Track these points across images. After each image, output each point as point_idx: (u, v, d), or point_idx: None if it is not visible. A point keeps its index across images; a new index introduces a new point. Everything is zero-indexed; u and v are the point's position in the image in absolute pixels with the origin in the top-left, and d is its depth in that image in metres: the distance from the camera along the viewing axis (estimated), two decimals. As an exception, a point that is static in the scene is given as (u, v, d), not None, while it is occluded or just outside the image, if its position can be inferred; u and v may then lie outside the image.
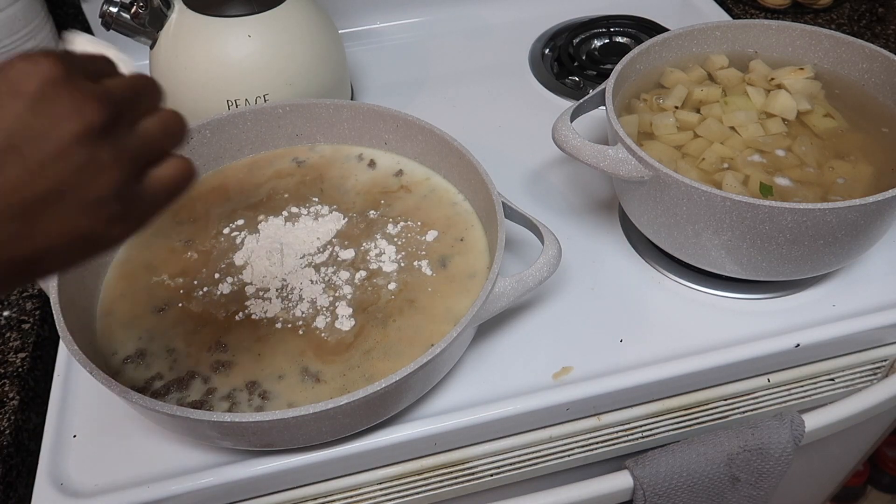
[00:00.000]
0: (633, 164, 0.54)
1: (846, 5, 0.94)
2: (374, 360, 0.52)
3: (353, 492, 0.55)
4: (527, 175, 0.72)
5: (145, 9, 0.66)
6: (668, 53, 0.66)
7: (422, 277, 0.56)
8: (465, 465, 0.56)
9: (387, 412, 0.50)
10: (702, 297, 0.61)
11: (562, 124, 0.57)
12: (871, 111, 0.62)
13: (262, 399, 0.50)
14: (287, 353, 0.52)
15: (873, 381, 0.64)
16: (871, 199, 0.49)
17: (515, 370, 0.56)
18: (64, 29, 0.87)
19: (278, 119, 0.65)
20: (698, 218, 0.53)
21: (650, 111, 0.63)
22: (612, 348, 0.57)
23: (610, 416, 0.57)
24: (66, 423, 0.54)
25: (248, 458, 0.51)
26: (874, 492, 1.37)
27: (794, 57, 0.66)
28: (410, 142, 0.64)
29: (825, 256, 0.54)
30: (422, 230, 0.60)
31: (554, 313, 0.60)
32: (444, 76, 0.85)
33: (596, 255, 0.64)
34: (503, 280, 0.51)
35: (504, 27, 0.92)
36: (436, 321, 0.54)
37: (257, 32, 0.66)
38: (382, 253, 0.58)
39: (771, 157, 0.58)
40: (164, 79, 0.69)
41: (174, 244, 0.60)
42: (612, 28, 0.90)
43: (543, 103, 0.81)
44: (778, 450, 0.58)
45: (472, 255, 0.58)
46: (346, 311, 0.54)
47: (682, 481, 0.57)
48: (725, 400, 0.60)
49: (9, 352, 0.58)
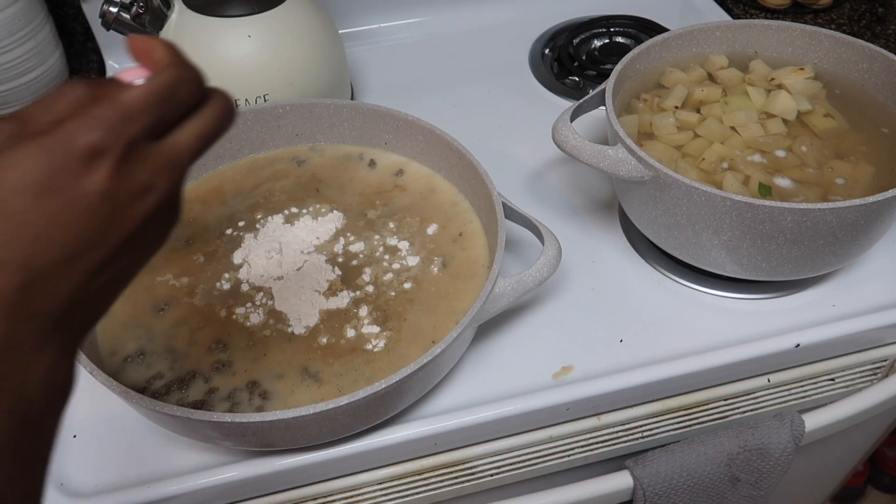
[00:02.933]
0: (633, 164, 0.54)
1: (846, 5, 0.94)
2: (374, 360, 0.52)
3: (353, 492, 0.55)
4: (527, 175, 0.72)
5: (145, 9, 0.66)
6: (668, 53, 0.66)
7: (423, 277, 0.56)
8: (465, 465, 0.56)
9: (387, 412, 0.50)
10: (702, 297, 0.61)
11: (562, 124, 0.57)
12: (871, 111, 0.62)
13: (262, 399, 0.50)
14: (287, 353, 0.52)
15: (873, 381, 0.64)
16: (871, 199, 0.49)
17: (515, 370, 0.56)
18: (64, 29, 0.87)
19: (278, 119, 0.65)
20: (698, 218, 0.53)
21: (650, 111, 0.63)
22: (612, 348, 0.57)
23: (610, 416, 0.57)
24: (67, 423, 0.54)
25: (248, 458, 0.51)
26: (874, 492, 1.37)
27: (795, 57, 0.66)
28: (410, 142, 0.64)
29: (825, 256, 0.54)
30: (421, 229, 0.60)
31: (554, 313, 0.60)
32: (444, 76, 0.85)
33: (596, 255, 0.64)
34: (503, 280, 0.51)
35: (504, 27, 0.92)
36: (436, 321, 0.54)
37: (257, 32, 0.66)
38: (384, 252, 0.58)
39: (771, 158, 0.58)
40: (164, 79, 0.69)
41: (174, 244, 0.60)
42: (612, 28, 0.90)
43: (543, 103, 0.81)
44: (778, 450, 0.58)
45: (472, 254, 0.58)
46: (346, 311, 0.54)
47: (682, 481, 0.57)
48: (725, 400, 0.60)
49: (9, 352, 0.58)
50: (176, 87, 0.30)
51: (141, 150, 0.28)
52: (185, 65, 0.31)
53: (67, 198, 0.26)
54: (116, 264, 0.29)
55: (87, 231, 0.27)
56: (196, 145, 0.31)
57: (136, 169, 0.28)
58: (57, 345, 0.27)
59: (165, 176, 0.29)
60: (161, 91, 0.29)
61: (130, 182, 0.28)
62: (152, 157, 0.29)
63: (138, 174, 0.28)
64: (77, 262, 0.27)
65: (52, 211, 0.26)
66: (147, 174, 0.29)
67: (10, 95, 0.79)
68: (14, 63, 0.76)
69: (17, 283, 0.26)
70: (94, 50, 0.89)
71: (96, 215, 0.27)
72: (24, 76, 0.78)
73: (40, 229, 0.26)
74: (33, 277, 0.26)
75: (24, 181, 0.26)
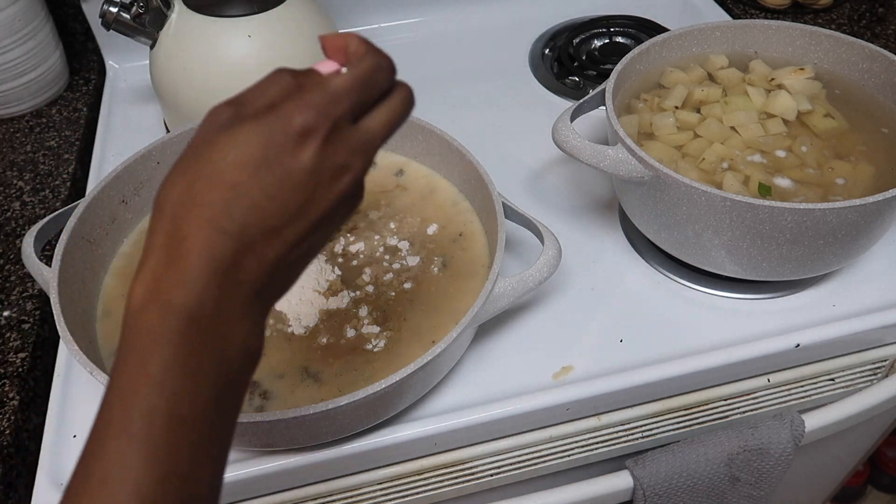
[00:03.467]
0: (633, 164, 0.54)
1: (846, 5, 0.94)
2: (374, 360, 0.52)
3: (353, 492, 0.55)
4: (527, 175, 0.72)
5: (145, 9, 0.66)
6: (668, 53, 0.66)
7: (423, 277, 0.56)
8: (465, 465, 0.56)
9: (387, 412, 0.50)
10: (702, 297, 0.61)
11: (562, 124, 0.57)
12: (871, 111, 0.62)
13: (262, 399, 0.50)
14: (287, 353, 0.52)
15: (873, 381, 0.64)
16: (871, 199, 0.49)
17: (515, 370, 0.56)
18: (64, 29, 0.87)
19: (278, 119, 0.65)
20: (698, 218, 0.53)
21: (650, 111, 0.63)
22: (612, 348, 0.57)
23: (610, 416, 0.57)
24: (66, 423, 0.54)
25: (248, 458, 0.51)
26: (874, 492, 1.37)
27: (795, 57, 0.66)
28: (411, 142, 0.64)
29: (825, 256, 0.54)
30: (421, 229, 0.60)
31: (554, 313, 0.60)
32: (444, 76, 0.85)
33: (596, 255, 0.64)
34: (503, 280, 0.51)
35: (504, 27, 0.92)
36: (436, 321, 0.54)
37: (257, 32, 0.66)
38: (384, 252, 0.58)
39: (771, 158, 0.58)
40: (164, 79, 0.69)
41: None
42: (612, 28, 0.90)
43: (543, 103, 0.81)
44: (778, 450, 0.58)
45: (472, 254, 0.58)
46: (346, 311, 0.54)
47: (682, 481, 0.57)
48: (725, 400, 0.60)
49: (9, 352, 0.58)
50: (375, 73, 0.32)
51: (343, 131, 0.31)
52: (381, 54, 0.33)
53: (280, 172, 0.29)
54: (312, 238, 0.31)
55: (294, 204, 0.29)
56: (386, 130, 0.33)
57: (338, 149, 0.30)
58: (255, 312, 0.29)
59: (360, 156, 0.31)
60: (363, 77, 0.31)
61: (333, 160, 0.30)
62: (352, 139, 0.31)
63: (339, 154, 0.30)
64: (282, 234, 0.29)
65: (266, 184, 0.28)
66: (346, 154, 0.31)
67: (10, 95, 0.79)
68: (14, 63, 0.76)
69: (232, 251, 0.28)
70: (94, 50, 0.89)
71: (303, 189, 0.29)
72: (24, 76, 0.78)
73: (255, 200, 0.28)
74: (246, 246, 0.28)
75: (244, 156, 0.28)
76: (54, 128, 0.80)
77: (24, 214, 0.69)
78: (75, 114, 0.82)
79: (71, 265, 0.53)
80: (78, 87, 0.86)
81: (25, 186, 0.72)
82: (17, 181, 0.73)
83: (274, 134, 0.29)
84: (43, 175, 0.74)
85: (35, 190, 0.72)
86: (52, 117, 0.81)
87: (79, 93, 0.85)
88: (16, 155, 0.76)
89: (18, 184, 0.73)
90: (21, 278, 0.63)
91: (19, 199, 0.71)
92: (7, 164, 0.75)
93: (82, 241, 0.55)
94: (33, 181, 0.73)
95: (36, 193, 0.72)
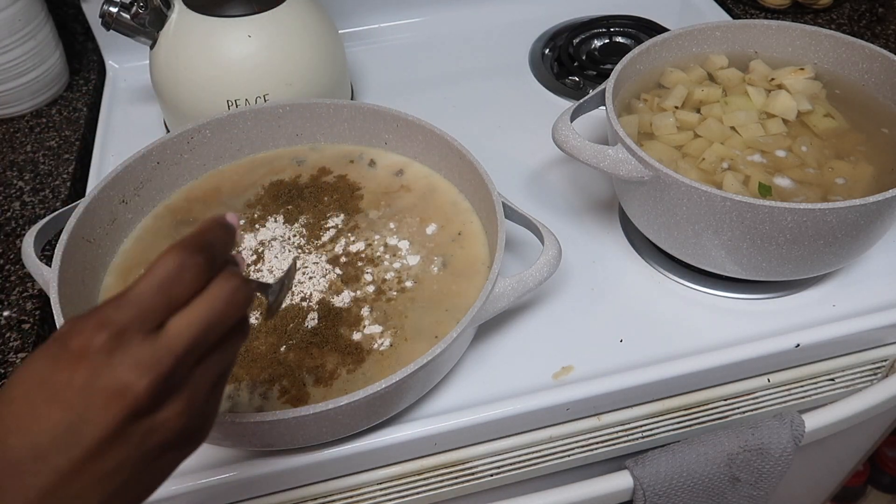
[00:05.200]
0: (633, 164, 0.54)
1: (846, 5, 0.94)
2: (374, 360, 0.52)
3: (353, 492, 0.55)
4: (527, 175, 0.72)
5: (145, 9, 0.66)
6: (668, 53, 0.66)
7: (423, 277, 0.56)
8: (465, 465, 0.56)
9: (387, 412, 0.50)
10: (702, 297, 0.61)
11: (562, 124, 0.57)
12: (871, 111, 0.62)
13: (262, 399, 0.50)
14: (288, 353, 0.52)
15: (873, 381, 0.64)
16: (871, 199, 0.49)
17: (515, 370, 0.56)
18: (64, 29, 0.87)
19: (278, 119, 0.65)
20: (698, 218, 0.53)
21: (650, 111, 0.63)
22: (612, 348, 0.57)
23: (610, 416, 0.57)
24: (67, 423, 0.54)
25: (248, 458, 0.51)
26: (874, 492, 1.37)
27: (795, 57, 0.66)
28: (410, 142, 0.64)
29: (825, 256, 0.54)
30: (421, 229, 0.60)
31: (554, 313, 0.60)
32: (445, 76, 0.85)
33: (596, 255, 0.64)
34: (503, 280, 0.51)
35: (504, 27, 0.92)
36: (437, 320, 0.54)
37: (257, 32, 0.66)
38: (384, 252, 0.58)
39: (771, 158, 0.58)
40: (164, 79, 0.69)
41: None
42: (612, 28, 0.90)
43: (543, 103, 0.81)
44: (778, 450, 0.58)
45: (472, 254, 0.58)
46: (346, 311, 0.54)
47: (682, 481, 0.57)
48: (725, 400, 0.60)
49: (9, 352, 0.58)
50: (179, 271, 0.29)
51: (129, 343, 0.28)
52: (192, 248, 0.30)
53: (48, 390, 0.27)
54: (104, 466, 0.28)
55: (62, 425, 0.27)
56: (194, 331, 0.29)
57: (119, 362, 0.28)
58: None
59: (150, 370, 0.28)
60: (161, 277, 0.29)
61: (111, 376, 0.27)
62: (139, 351, 0.28)
63: (117, 369, 0.27)
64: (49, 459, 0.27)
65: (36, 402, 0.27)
66: (126, 369, 0.28)
67: (10, 95, 0.79)
68: (14, 63, 0.76)
69: None
70: (94, 50, 0.89)
71: (70, 409, 0.27)
72: (24, 76, 0.78)
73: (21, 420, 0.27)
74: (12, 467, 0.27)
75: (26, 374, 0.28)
76: (54, 128, 0.80)
77: (24, 214, 0.69)
78: (75, 114, 0.82)
79: (71, 265, 0.53)
80: (78, 87, 0.86)
81: (25, 186, 0.72)
82: (17, 181, 0.73)
83: (52, 350, 0.28)
84: (43, 175, 0.74)
85: (35, 190, 0.72)
86: (52, 117, 0.81)
87: (79, 93, 0.85)
88: (16, 155, 0.76)
89: (18, 184, 0.73)
90: (21, 278, 0.63)
91: (19, 199, 0.71)
92: (7, 164, 0.75)
93: (82, 240, 0.55)
94: (33, 181, 0.73)
95: (36, 193, 0.72)
